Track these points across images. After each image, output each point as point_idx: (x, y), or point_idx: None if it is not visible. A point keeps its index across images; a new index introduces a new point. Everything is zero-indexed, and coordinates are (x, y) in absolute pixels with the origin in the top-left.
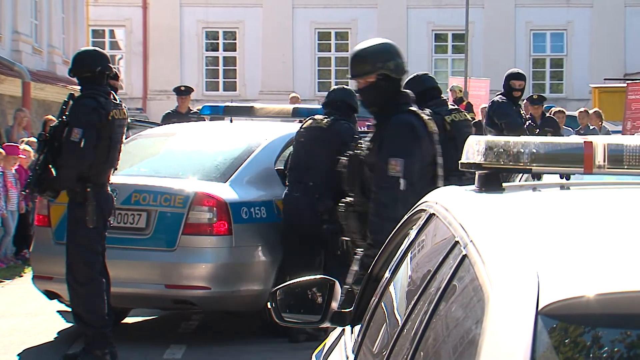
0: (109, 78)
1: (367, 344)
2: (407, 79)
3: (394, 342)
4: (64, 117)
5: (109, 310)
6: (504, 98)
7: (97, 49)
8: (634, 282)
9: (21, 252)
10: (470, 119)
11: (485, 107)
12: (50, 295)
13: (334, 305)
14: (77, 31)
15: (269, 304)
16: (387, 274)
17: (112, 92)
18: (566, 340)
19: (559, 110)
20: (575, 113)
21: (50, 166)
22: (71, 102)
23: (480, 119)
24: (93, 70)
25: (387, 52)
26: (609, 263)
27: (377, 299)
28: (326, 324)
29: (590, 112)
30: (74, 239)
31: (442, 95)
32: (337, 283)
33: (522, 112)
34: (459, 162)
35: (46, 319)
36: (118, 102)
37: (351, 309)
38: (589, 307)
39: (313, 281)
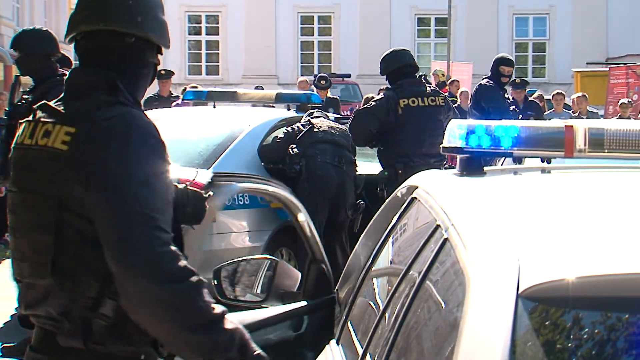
0: (64, 65)
1: (348, 328)
2: (384, 55)
3: (376, 326)
4: (23, 100)
5: None
6: (491, 82)
7: (47, 29)
8: (614, 265)
9: (3, 236)
10: (441, 104)
11: (465, 91)
12: None
13: (287, 283)
14: (59, 15)
15: (213, 281)
16: (369, 258)
17: None
18: (546, 323)
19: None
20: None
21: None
22: (18, 86)
23: (459, 103)
24: (54, 53)
25: None
26: (589, 246)
27: (359, 284)
28: (270, 303)
29: (574, 96)
30: None
31: (417, 74)
32: (280, 262)
33: (507, 96)
34: (405, 149)
35: None
36: None
37: (301, 290)
38: (569, 289)
39: (259, 260)
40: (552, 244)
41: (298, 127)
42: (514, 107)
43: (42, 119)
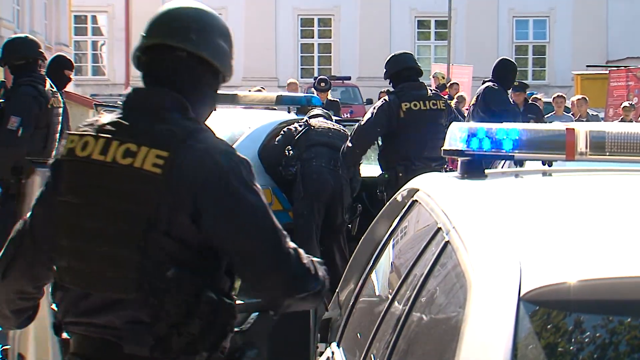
0: (65, 67)
1: (349, 330)
2: (387, 59)
3: (377, 328)
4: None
5: None
6: (497, 85)
7: (28, 35)
8: (615, 269)
9: None
10: (442, 108)
11: (463, 95)
12: None
13: None
14: (59, 17)
15: None
16: (370, 261)
17: (48, 79)
18: (548, 326)
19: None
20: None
21: None
22: (2, 90)
23: (457, 105)
24: (27, 57)
25: None
26: (591, 249)
27: (360, 286)
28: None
29: (574, 99)
30: (7, 233)
31: (418, 77)
32: None
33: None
34: (406, 152)
35: None
36: (54, 90)
37: None
38: (571, 293)
39: None
40: (554, 247)
41: (295, 127)
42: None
43: (115, 137)
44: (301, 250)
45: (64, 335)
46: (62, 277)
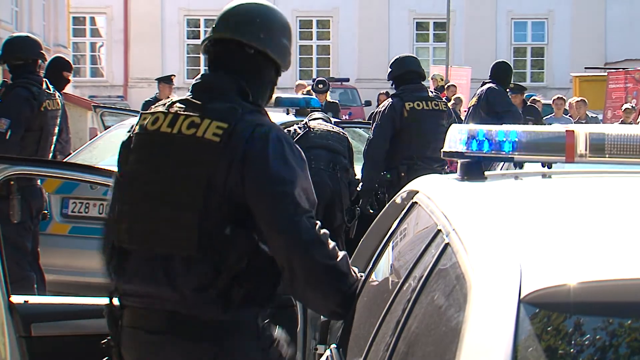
0: (63, 68)
1: (349, 332)
2: (391, 61)
3: (376, 331)
4: None
5: None
6: (499, 87)
7: (29, 35)
8: (616, 271)
9: None
10: (443, 109)
11: (460, 97)
12: None
13: None
14: (57, 18)
15: None
16: (369, 263)
17: (46, 80)
18: (548, 328)
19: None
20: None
21: None
22: (3, 90)
23: (453, 107)
24: (26, 57)
25: None
26: (591, 251)
27: (359, 288)
28: None
29: (573, 101)
30: None
31: (420, 80)
32: None
33: None
34: (409, 152)
35: None
36: (52, 91)
37: None
38: (571, 295)
39: None
40: (554, 249)
41: (295, 129)
42: None
43: (182, 112)
44: (324, 230)
45: (116, 303)
46: (121, 238)
